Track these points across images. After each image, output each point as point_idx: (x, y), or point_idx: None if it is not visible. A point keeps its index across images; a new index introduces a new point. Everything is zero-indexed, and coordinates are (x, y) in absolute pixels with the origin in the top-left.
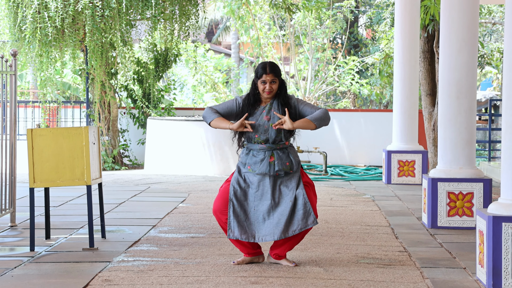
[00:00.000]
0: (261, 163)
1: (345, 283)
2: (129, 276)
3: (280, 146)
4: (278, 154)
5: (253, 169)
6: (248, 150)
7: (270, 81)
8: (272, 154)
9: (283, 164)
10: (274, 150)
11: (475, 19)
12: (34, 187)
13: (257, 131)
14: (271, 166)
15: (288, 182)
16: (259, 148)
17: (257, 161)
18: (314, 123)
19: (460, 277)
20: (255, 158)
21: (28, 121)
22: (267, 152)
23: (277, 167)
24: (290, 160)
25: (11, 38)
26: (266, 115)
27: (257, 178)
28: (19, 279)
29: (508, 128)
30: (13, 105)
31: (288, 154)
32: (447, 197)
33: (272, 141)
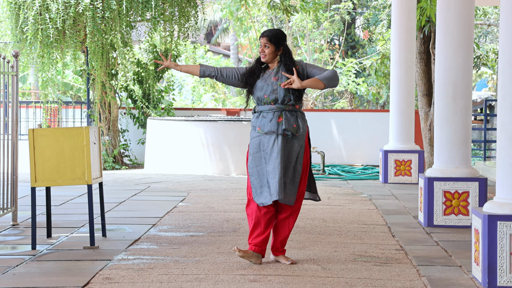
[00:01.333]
0: (270, 122)
1: (343, 281)
2: (130, 274)
3: (289, 108)
4: (287, 115)
5: (263, 129)
6: (258, 113)
7: (263, 44)
8: (281, 115)
9: (290, 125)
10: (283, 111)
11: (471, 20)
12: (36, 186)
13: (266, 92)
14: (279, 125)
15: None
16: (269, 109)
17: (266, 121)
18: (323, 81)
19: (456, 275)
20: (265, 119)
21: (29, 121)
22: (276, 113)
23: (284, 126)
24: (297, 122)
25: (13, 39)
26: (274, 76)
27: (266, 139)
28: (21, 277)
29: (503, 128)
30: (15, 106)
31: (296, 117)
32: (443, 196)
33: (281, 101)
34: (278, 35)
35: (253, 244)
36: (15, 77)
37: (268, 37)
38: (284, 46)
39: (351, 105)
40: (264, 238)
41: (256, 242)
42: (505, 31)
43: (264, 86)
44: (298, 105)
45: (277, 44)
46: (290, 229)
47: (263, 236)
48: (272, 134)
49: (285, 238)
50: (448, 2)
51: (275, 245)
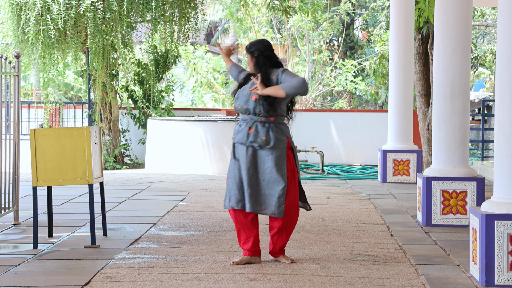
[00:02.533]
0: (241, 133)
1: (342, 279)
2: (130, 273)
3: (261, 120)
4: (257, 127)
5: (234, 138)
6: (238, 120)
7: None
8: (252, 126)
9: (259, 138)
10: (256, 122)
11: (469, 21)
12: (37, 186)
13: (241, 101)
14: (249, 136)
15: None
16: (243, 119)
17: (239, 131)
18: (284, 89)
19: (454, 274)
20: (239, 128)
21: (31, 121)
22: (249, 123)
23: (251, 138)
24: (268, 135)
25: (15, 40)
26: (250, 86)
27: (239, 148)
28: (22, 276)
29: (501, 128)
30: (17, 106)
31: (268, 129)
32: (441, 195)
33: (252, 112)
34: (250, 44)
35: (246, 249)
36: (17, 78)
37: (249, 49)
38: (257, 55)
39: (349, 105)
40: (253, 240)
41: (248, 247)
42: (503, 32)
43: (240, 96)
44: (273, 117)
45: (252, 54)
46: (288, 237)
47: (251, 239)
48: (242, 145)
49: (283, 245)
50: (446, 3)
51: (274, 250)
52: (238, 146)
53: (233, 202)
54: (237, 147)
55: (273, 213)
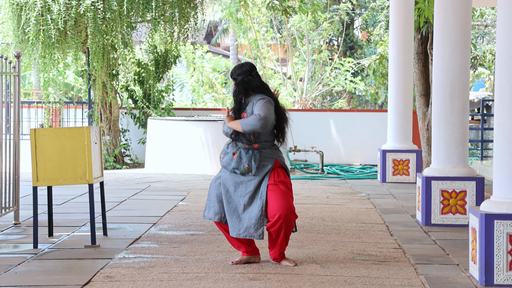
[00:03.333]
0: (226, 156)
1: (341, 279)
2: (130, 272)
3: (245, 147)
4: (241, 154)
5: (221, 159)
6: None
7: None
8: (236, 152)
9: (241, 165)
10: (240, 148)
11: (468, 21)
12: (37, 185)
13: (225, 126)
14: (232, 162)
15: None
16: (231, 144)
17: (226, 153)
18: (242, 125)
19: (453, 273)
20: (226, 150)
21: (31, 121)
22: (233, 149)
23: (233, 165)
24: (250, 163)
25: (15, 40)
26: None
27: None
28: (23, 275)
29: (500, 127)
30: (17, 106)
31: (252, 156)
32: (440, 195)
33: (234, 139)
34: (232, 71)
35: (243, 251)
36: (17, 78)
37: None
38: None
39: (349, 105)
40: (245, 242)
41: (244, 250)
42: (502, 32)
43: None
44: (256, 144)
45: (234, 80)
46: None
47: (243, 241)
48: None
49: (282, 250)
50: (446, 3)
51: (274, 256)
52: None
53: (211, 214)
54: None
55: (252, 235)
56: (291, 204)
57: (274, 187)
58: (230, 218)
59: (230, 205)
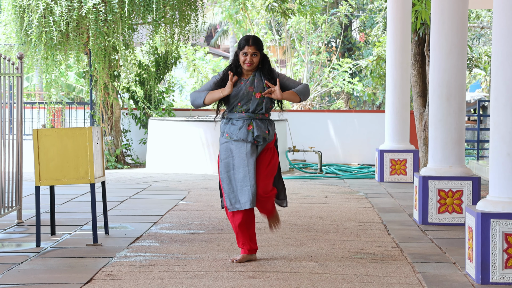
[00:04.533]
0: (239, 130)
1: (340, 277)
2: (132, 271)
3: (259, 116)
4: (257, 123)
5: (231, 136)
6: (228, 119)
7: (251, 53)
8: (251, 123)
9: (263, 132)
10: (253, 119)
11: (464, 23)
12: (40, 185)
13: (241, 100)
14: (249, 133)
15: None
16: (239, 117)
17: (235, 129)
18: (300, 96)
19: (450, 272)
20: (234, 126)
21: (34, 122)
22: (246, 121)
23: (256, 133)
24: (268, 129)
25: (18, 41)
26: (250, 85)
27: (234, 146)
28: (25, 273)
29: (496, 128)
30: (20, 106)
31: (267, 124)
32: (437, 194)
33: (252, 110)
34: (261, 42)
35: (246, 248)
36: (20, 79)
37: (257, 45)
38: (263, 54)
39: (347, 106)
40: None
41: (250, 247)
42: (498, 34)
43: (239, 94)
44: (267, 114)
45: (260, 50)
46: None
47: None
48: (242, 142)
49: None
50: (442, 6)
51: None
52: (233, 144)
53: (238, 204)
54: (232, 145)
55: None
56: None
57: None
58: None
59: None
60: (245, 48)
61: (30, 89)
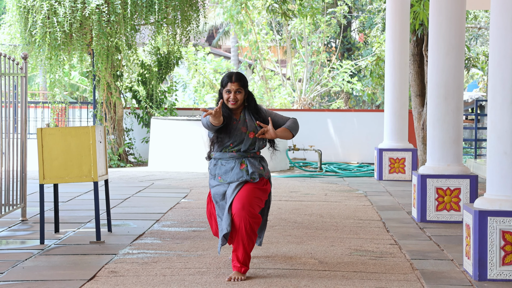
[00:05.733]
0: (232, 171)
1: (339, 274)
2: (134, 267)
3: (251, 155)
4: (250, 161)
5: (224, 179)
6: (216, 160)
7: (235, 91)
8: (243, 162)
9: (257, 168)
10: (245, 157)
11: (462, 24)
12: (44, 183)
13: (234, 141)
14: (243, 172)
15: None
16: (229, 157)
17: (227, 170)
18: (292, 132)
19: (448, 268)
20: (225, 167)
21: (38, 121)
22: (237, 160)
23: (251, 170)
24: (262, 165)
25: (22, 42)
26: (242, 126)
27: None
28: (29, 270)
29: (493, 127)
30: (24, 106)
31: (259, 160)
32: (435, 192)
33: (244, 150)
34: (245, 79)
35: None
36: (24, 79)
37: (240, 81)
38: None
39: (346, 105)
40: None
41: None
42: (495, 34)
43: (232, 135)
44: (259, 152)
45: (245, 87)
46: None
47: None
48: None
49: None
50: (440, 6)
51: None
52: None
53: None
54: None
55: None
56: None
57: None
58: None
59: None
60: (228, 85)
61: (34, 89)
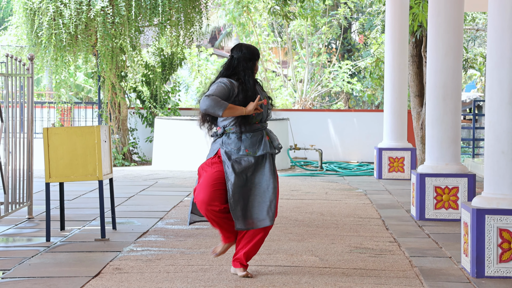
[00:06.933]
0: (261, 143)
1: (339, 271)
2: (138, 264)
3: (266, 125)
4: (270, 132)
5: (254, 151)
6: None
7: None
8: (266, 133)
9: (276, 141)
10: (265, 129)
11: (460, 25)
12: (50, 182)
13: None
14: (267, 144)
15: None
16: (255, 128)
17: (254, 142)
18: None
19: (446, 266)
20: (251, 140)
21: (44, 121)
22: (263, 131)
23: (275, 144)
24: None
25: (28, 43)
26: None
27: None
28: (36, 267)
29: (491, 127)
30: (30, 106)
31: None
32: (434, 191)
33: (264, 120)
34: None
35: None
36: (31, 79)
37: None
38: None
39: (346, 105)
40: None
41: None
42: (493, 35)
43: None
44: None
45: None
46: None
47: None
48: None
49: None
50: (439, 8)
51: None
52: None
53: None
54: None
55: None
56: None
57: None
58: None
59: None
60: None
61: (40, 89)
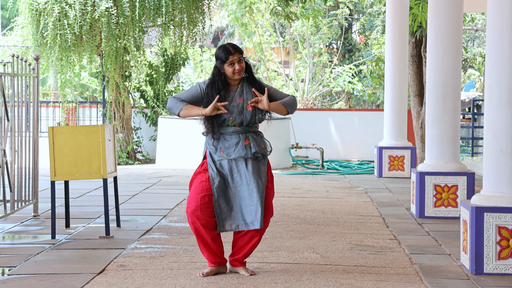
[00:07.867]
0: (236, 147)
1: (340, 268)
2: (142, 261)
3: (253, 129)
4: (252, 137)
5: (228, 154)
6: (218, 134)
7: (237, 61)
8: (247, 137)
9: (259, 146)
10: (248, 133)
11: (459, 26)
12: (55, 180)
13: (232, 113)
14: (247, 149)
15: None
16: (232, 131)
17: (231, 145)
18: (287, 108)
19: (446, 263)
20: (228, 142)
21: (49, 120)
22: (241, 135)
23: (253, 149)
24: (264, 142)
25: (34, 43)
26: (239, 97)
27: (233, 164)
28: (41, 264)
29: (490, 126)
30: (36, 105)
31: (261, 137)
32: (433, 189)
33: (246, 123)
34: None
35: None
36: (36, 79)
37: (239, 51)
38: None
39: (347, 105)
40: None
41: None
42: (492, 36)
43: (229, 107)
44: (258, 126)
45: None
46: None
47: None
48: (241, 159)
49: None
50: (438, 9)
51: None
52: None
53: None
54: (228, 163)
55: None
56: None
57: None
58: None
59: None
60: (229, 58)
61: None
